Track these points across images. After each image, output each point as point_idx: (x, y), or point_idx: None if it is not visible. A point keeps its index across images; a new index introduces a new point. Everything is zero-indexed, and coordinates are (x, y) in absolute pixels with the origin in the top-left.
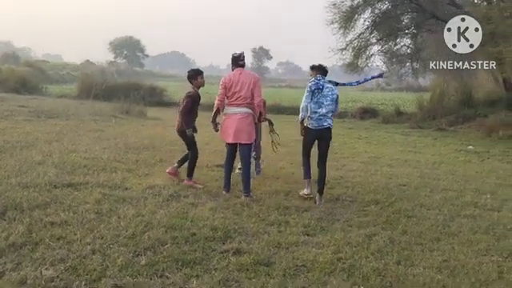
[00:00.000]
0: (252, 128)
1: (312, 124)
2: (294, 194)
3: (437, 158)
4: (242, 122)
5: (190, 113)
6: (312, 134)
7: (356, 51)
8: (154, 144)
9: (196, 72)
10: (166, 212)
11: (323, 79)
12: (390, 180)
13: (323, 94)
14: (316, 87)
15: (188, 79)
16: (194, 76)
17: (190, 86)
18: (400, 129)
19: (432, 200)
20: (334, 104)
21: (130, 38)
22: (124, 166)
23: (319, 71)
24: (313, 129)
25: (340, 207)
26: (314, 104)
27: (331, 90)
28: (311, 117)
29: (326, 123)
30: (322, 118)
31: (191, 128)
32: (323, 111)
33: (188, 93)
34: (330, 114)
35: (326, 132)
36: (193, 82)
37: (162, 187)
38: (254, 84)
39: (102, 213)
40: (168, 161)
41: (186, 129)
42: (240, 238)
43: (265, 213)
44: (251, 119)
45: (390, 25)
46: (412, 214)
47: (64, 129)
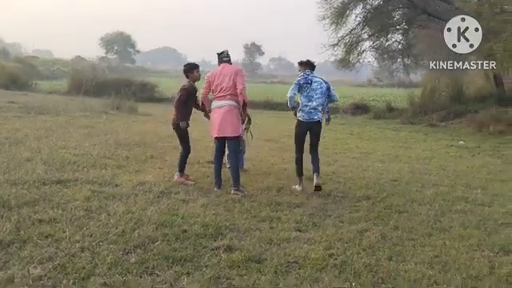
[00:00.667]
0: (237, 120)
1: (303, 117)
2: (285, 190)
3: (428, 154)
4: (227, 115)
5: (184, 106)
6: (303, 126)
7: (348, 47)
8: (145, 140)
9: (192, 66)
10: (157, 209)
11: (312, 74)
12: (382, 175)
13: (312, 88)
14: (304, 81)
15: (184, 73)
16: (189, 70)
17: (186, 81)
18: (391, 124)
19: (423, 195)
20: (323, 97)
21: (120, 33)
22: (114, 162)
23: (307, 66)
24: (304, 121)
25: (332, 203)
26: (304, 98)
27: (320, 84)
28: (302, 110)
29: (316, 117)
30: (312, 112)
31: (185, 121)
32: (313, 104)
33: (183, 86)
34: (320, 107)
35: (316, 125)
36: (189, 76)
37: (153, 184)
38: (235, 74)
39: (92, 210)
40: (159, 157)
41: (179, 122)
42: (231, 235)
43: (256, 209)
44: (236, 112)
45: (381, 20)
46: (403, 210)
47: (54, 125)
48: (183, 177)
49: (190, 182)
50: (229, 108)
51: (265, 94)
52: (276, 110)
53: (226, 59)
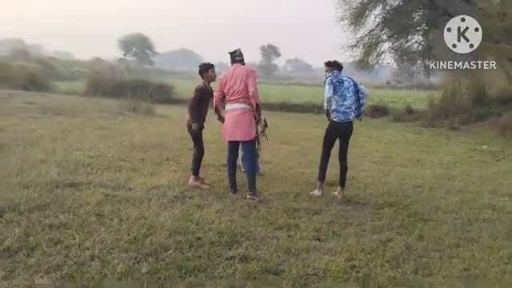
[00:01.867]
0: (249, 124)
1: (338, 117)
2: (303, 196)
3: (451, 158)
4: (239, 119)
5: (198, 107)
6: (338, 127)
7: (366, 48)
8: (162, 142)
9: (207, 66)
10: (171, 214)
11: (340, 74)
12: (404, 181)
13: (345, 87)
14: (337, 80)
15: (199, 73)
16: (204, 70)
17: (201, 81)
18: (411, 127)
19: (448, 202)
20: (354, 95)
21: (139, 35)
22: (129, 164)
23: (335, 67)
24: (339, 122)
25: (352, 210)
26: (338, 97)
27: (349, 82)
28: (337, 110)
29: (351, 116)
30: (347, 111)
31: (197, 123)
32: (348, 103)
33: (197, 86)
34: (353, 106)
35: (350, 125)
36: (204, 76)
37: (167, 188)
38: (246, 76)
39: (104, 215)
40: (175, 160)
41: (191, 123)
42: (247, 244)
43: (273, 216)
44: (249, 115)
45: (401, 21)
46: (428, 218)
47: (70, 126)
48: (198, 180)
49: (205, 185)
50: (241, 111)
51: (281, 96)
52: (293, 112)
53: (239, 59)
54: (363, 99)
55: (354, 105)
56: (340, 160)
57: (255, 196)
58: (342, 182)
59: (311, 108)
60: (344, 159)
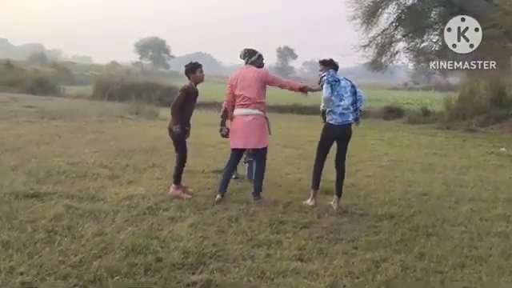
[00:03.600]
0: (262, 131)
1: (335, 120)
2: (294, 206)
3: (465, 162)
4: (250, 126)
5: (181, 108)
6: (334, 130)
7: (379, 48)
8: (155, 146)
9: (194, 66)
10: (136, 230)
11: (336, 74)
12: (410, 188)
13: (341, 86)
14: (333, 79)
15: (186, 74)
16: (192, 70)
17: (187, 81)
18: (426, 129)
19: (457, 213)
20: (352, 95)
21: (155, 38)
22: (108, 172)
23: (331, 66)
24: (336, 125)
25: (347, 222)
26: (334, 97)
27: (346, 82)
28: (334, 111)
29: (349, 118)
30: (345, 113)
31: (179, 125)
32: (346, 103)
33: (183, 86)
34: (351, 106)
35: (348, 129)
36: (190, 77)
37: (142, 198)
38: (258, 80)
39: (57, 231)
40: (162, 165)
41: (173, 126)
42: (215, 266)
43: (255, 230)
44: (262, 121)
45: (416, 20)
46: (432, 232)
47: (63, 130)
48: (179, 189)
49: (187, 195)
50: (254, 117)
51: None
52: (304, 114)
53: (246, 60)
54: (361, 104)
55: (352, 106)
56: (336, 167)
57: (261, 199)
58: (339, 190)
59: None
60: (341, 166)
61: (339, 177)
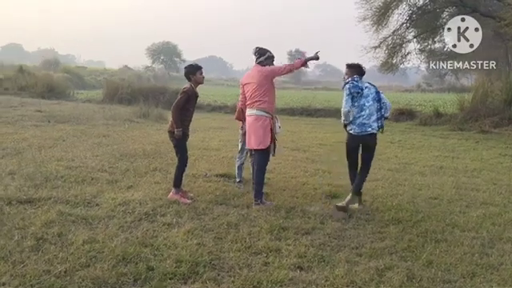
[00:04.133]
0: (263, 132)
1: (354, 130)
2: (297, 211)
3: (477, 164)
4: (252, 126)
5: (182, 111)
6: (354, 140)
7: (390, 49)
8: (159, 150)
9: (195, 67)
10: (129, 237)
11: (360, 79)
12: (419, 192)
13: (364, 95)
14: (355, 90)
15: (186, 76)
16: (192, 71)
17: (188, 83)
18: (438, 131)
19: (468, 218)
20: (375, 103)
21: (166, 43)
22: (108, 176)
23: (356, 71)
24: (355, 135)
25: (352, 228)
26: (355, 108)
27: (370, 90)
28: (353, 122)
29: (369, 128)
30: (365, 123)
31: (181, 129)
32: (366, 113)
33: (183, 88)
34: (373, 116)
35: (369, 138)
36: (191, 79)
37: (139, 203)
38: (261, 79)
39: (46, 239)
40: (163, 170)
41: (174, 129)
42: (209, 275)
43: (254, 237)
44: (262, 122)
45: (427, 21)
46: (441, 238)
47: (67, 134)
48: (179, 193)
49: (186, 200)
50: (255, 118)
51: (305, 101)
52: (314, 117)
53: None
54: (385, 112)
55: (373, 115)
56: (359, 173)
57: (261, 203)
58: (356, 188)
59: (334, 113)
60: (364, 172)
61: (360, 178)
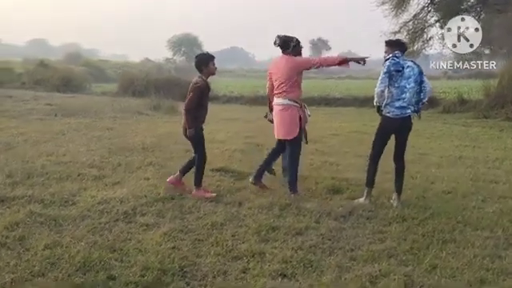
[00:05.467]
0: (291, 122)
1: (393, 112)
2: (292, 208)
3: (499, 154)
4: (280, 115)
5: (196, 108)
6: (392, 124)
7: (411, 34)
8: (160, 143)
9: (208, 57)
10: (98, 240)
11: (402, 57)
12: (432, 185)
13: (405, 76)
14: (395, 68)
15: (197, 66)
16: (205, 62)
17: (198, 75)
18: (461, 119)
19: (482, 214)
20: (417, 86)
21: (187, 34)
22: (97, 171)
23: (397, 47)
24: (394, 118)
25: (350, 227)
26: (395, 89)
27: (412, 69)
28: (392, 105)
29: (409, 110)
30: (405, 106)
31: (193, 128)
32: (407, 97)
33: (195, 83)
34: (414, 98)
35: (408, 121)
36: (203, 70)
37: (121, 201)
38: (289, 70)
39: (5, 243)
40: (159, 164)
41: (188, 128)
42: (177, 285)
43: (239, 238)
44: (290, 112)
45: (450, 4)
46: (449, 238)
47: (69, 128)
48: (201, 190)
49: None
50: (282, 107)
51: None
52: (332, 106)
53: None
54: (425, 96)
55: (414, 98)
56: (395, 162)
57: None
58: (398, 187)
59: (352, 102)
60: (400, 161)
61: (398, 172)
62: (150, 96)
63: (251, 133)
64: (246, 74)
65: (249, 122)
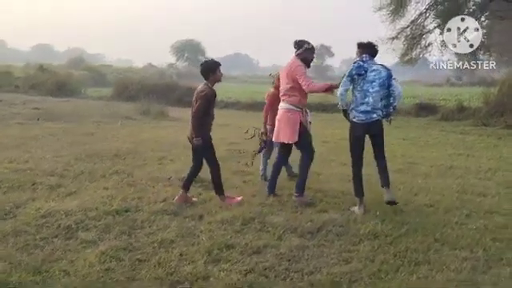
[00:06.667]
0: (291, 125)
1: (358, 117)
2: (255, 223)
3: (493, 164)
4: (280, 119)
5: (203, 117)
6: (359, 128)
7: (409, 40)
8: (137, 149)
9: (216, 63)
10: (26, 260)
11: (369, 60)
12: (415, 197)
13: (368, 80)
14: (357, 71)
15: (203, 73)
16: (213, 68)
17: (204, 83)
18: (459, 127)
19: (463, 231)
20: (383, 90)
21: (190, 40)
22: (55, 180)
23: (366, 50)
24: (359, 123)
25: (315, 245)
26: (358, 93)
27: (378, 73)
28: (356, 109)
29: (374, 115)
30: (369, 110)
31: (200, 137)
32: (370, 101)
33: (200, 92)
34: (379, 103)
35: (375, 125)
36: (210, 77)
37: (66, 214)
38: (288, 73)
39: None
40: (125, 172)
41: (194, 137)
42: None
43: (186, 259)
44: (289, 115)
45: (449, 9)
46: (423, 259)
47: (46, 133)
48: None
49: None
50: (284, 111)
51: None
52: (329, 112)
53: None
54: (394, 100)
55: (379, 102)
56: (376, 159)
57: (301, 197)
58: (385, 181)
59: None
60: (381, 158)
61: (381, 169)
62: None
63: (237, 139)
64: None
65: (239, 128)
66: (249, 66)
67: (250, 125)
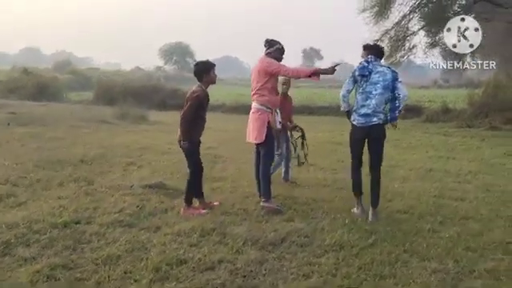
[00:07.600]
0: (259, 125)
1: (358, 120)
2: (217, 233)
3: (474, 166)
4: (250, 119)
5: (194, 120)
6: (358, 132)
7: (393, 42)
8: (106, 155)
9: (209, 64)
10: None
11: (374, 62)
12: (388, 204)
13: (371, 82)
14: (361, 72)
15: (197, 74)
16: (206, 70)
17: (197, 84)
18: (444, 128)
19: (435, 240)
20: (387, 92)
21: (179, 43)
22: (7, 189)
23: (372, 51)
24: (359, 126)
25: (276, 258)
26: (359, 95)
27: (383, 75)
28: (357, 112)
29: (375, 118)
30: (370, 113)
31: (187, 141)
32: (372, 103)
33: (193, 93)
34: (381, 106)
35: (375, 129)
36: (203, 79)
37: (9, 227)
38: (259, 71)
39: None
40: (86, 180)
41: (183, 140)
42: None
43: (131, 277)
44: (258, 115)
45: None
46: (389, 272)
47: (13, 138)
48: (191, 209)
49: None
50: (253, 111)
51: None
52: (316, 115)
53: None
54: (399, 104)
55: (382, 105)
56: (370, 170)
57: (267, 203)
58: (374, 200)
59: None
60: (375, 172)
61: (372, 184)
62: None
63: (215, 143)
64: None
65: (219, 132)
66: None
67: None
